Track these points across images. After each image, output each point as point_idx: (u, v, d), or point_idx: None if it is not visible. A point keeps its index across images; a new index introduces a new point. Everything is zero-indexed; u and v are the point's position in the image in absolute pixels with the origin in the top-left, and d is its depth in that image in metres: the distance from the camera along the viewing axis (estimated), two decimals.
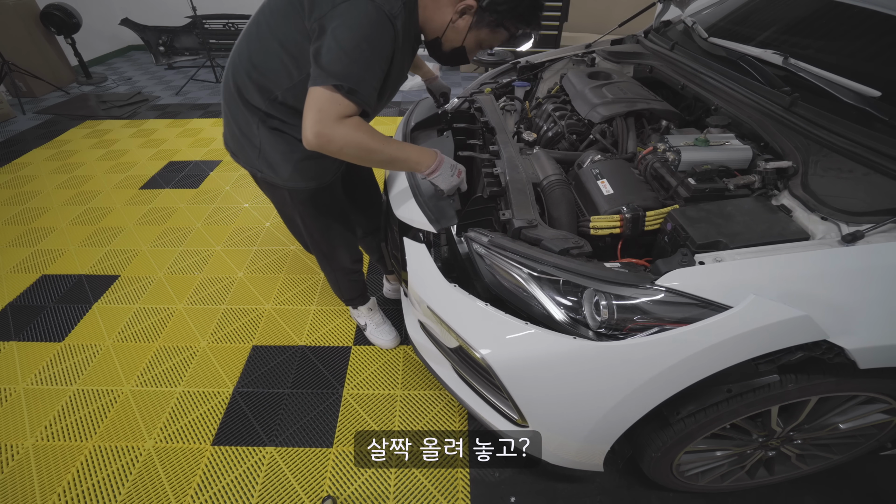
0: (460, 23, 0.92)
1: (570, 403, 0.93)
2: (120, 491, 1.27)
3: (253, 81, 0.95)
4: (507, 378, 0.91)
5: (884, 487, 1.27)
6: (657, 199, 1.06)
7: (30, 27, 4.16)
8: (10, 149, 3.29)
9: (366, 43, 0.82)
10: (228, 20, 4.66)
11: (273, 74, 0.94)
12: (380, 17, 0.82)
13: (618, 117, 1.33)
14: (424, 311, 1.08)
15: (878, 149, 0.92)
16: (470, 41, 0.96)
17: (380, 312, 1.70)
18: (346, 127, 0.84)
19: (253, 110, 0.99)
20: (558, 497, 1.25)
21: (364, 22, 0.81)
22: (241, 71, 0.96)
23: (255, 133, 1.01)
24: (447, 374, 1.19)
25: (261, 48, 0.93)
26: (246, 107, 0.99)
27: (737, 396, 0.87)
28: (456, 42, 0.97)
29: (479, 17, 0.91)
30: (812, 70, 1.08)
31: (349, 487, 1.28)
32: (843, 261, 0.76)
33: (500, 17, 0.91)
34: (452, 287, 1.00)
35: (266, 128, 1.00)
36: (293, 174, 1.04)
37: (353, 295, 1.58)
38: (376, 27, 0.82)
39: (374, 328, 1.68)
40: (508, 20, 0.92)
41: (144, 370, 1.61)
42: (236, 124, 1.02)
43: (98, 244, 2.27)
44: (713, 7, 1.69)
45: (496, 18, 0.91)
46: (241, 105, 0.99)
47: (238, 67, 0.97)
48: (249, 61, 0.95)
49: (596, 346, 0.82)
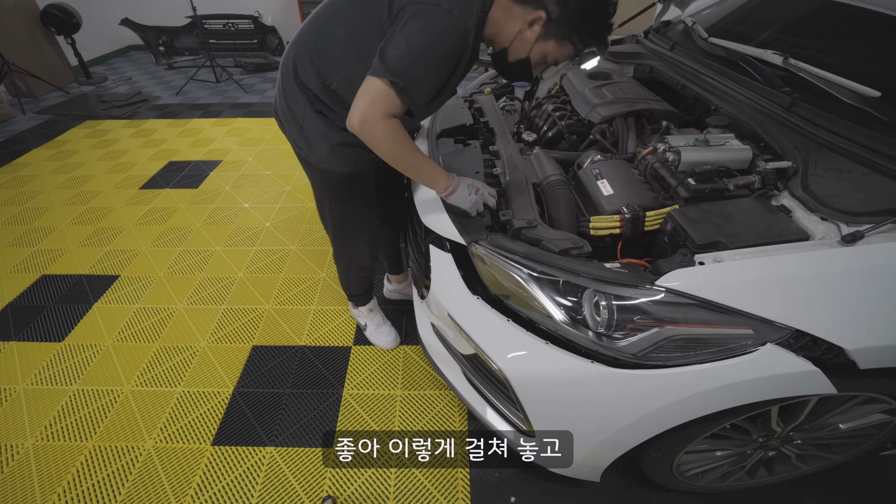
0: (528, 34, 0.92)
1: (577, 423, 0.95)
2: (120, 491, 1.27)
3: (313, 63, 0.98)
4: (522, 391, 0.93)
5: (884, 487, 1.27)
6: (657, 199, 1.06)
7: (30, 27, 4.16)
8: (10, 149, 3.29)
9: (432, 49, 0.84)
10: (228, 20, 4.66)
11: (334, 61, 0.96)
12: (455, 28, 0.84)
13: (618, 117, 1.33)
14: (443, 318, 1.09)
15: (877, 149, 0.92)
16: (536, 53, 0.95)
17: (380, 313, 1.69)
18: (389, 125, 0.88)
19: (304, 90, 1.02)
20: (558, 497, 1.25)
21: (437, 28, 0.83)
22: (304, 51, 0.99)
23: (300, 111, 1.04)
24: (456, 377, 1.20)
25: (329, 34, 0.96)
26: (298, 85, 1.02)
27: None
28: (522, 53, 0.96)
29: (548, 28, 0.91)
30: (812, 70, 1.08)
31: (349, 487, 1.28)
32: (843, 261, 0.76)
33: (569, 30, 0.91)
34: (476, 299, 1.01)
35: (312, 109, 1.03)
36: (329, 157, 1.08)
37: (360, 291, 1.57)
38: (449, 37, 0.85)
39: (374, 329, 1.67)
40: (577, 34, 0.92)
41: (144, 370, 1.61)
42: (285, 98, 1.06)
43: (98, 244, 2.27)
44: (713, 7, 1.69)
45: (565, 31, 0.91)
46: (293, 83, 1.02)
47: (301, 47, 1.00)
48: (315, 44, 0.97)
49: (611, 373, 0.84)
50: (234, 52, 4.87)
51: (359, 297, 1.60)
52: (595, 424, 0.93)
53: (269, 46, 4.83)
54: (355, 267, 1.46)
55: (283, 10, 5.50)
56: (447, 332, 1.16)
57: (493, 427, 1.09)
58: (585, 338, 0.86)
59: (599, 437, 0.93)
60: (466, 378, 1.17)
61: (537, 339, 0.90)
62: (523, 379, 0.92)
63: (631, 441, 0.93)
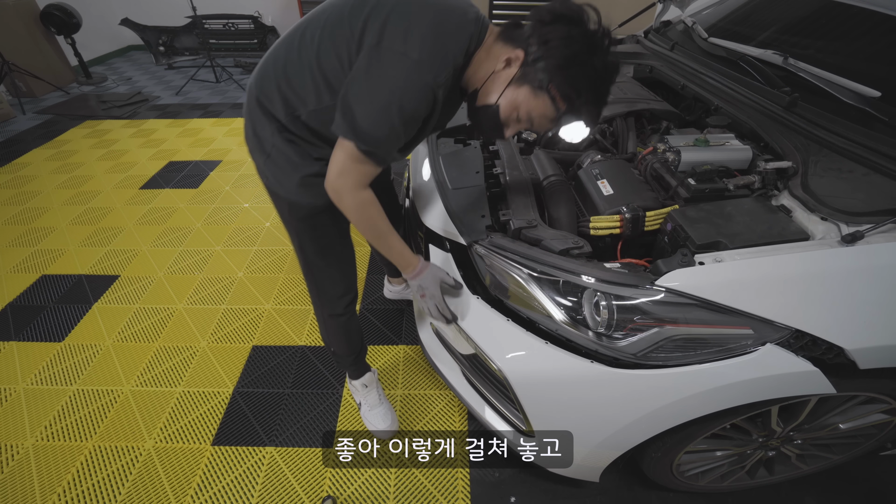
0: (502, 74, 0.81)
1: (577, 423, 0.95)
2: (120, 491, 1.27)
3: (280, 92, 0.89)
4: (521, 391, 0.93)
5: (884, 487, 1.27)
6: (657, 199, 1.06)
7: (30, 27, 4.15)
8: (10, 149, 3.29)
9: (396, 107, 0.76)
10: (228, 20, 4.66)
11: (303, 92, 0.87)
12: (422, 83, 0.76)
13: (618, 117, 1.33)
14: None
15: (878, 149, 0.92)
16: (506, 100, 0.82)
17: (376, 391, 1.43)
18: (358, 198, 0.86)
19: (271, 118, 0.93)
20: (558, 497, 1.25)
21: (401, 83, 0.76)
22: (271, 77, 0.89)
23: (268, 139, 0.94)
24: (455, 377, 1.20)
25: (299, 61, 0.86)
26: (265, 114, 0.93)
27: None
28: (491, 97, 0.83)
29: (524, 72, 0.79)
30: (812, 70, 1.08)
31: (349, 487, 1.28)
32: (843, 261, 0.76)
33: (547, 78, 0.76)
34: (475, 299, 1.02)
35: (282, 137, 0.93)
36: (298, 189, 0.96)
37: (344, 350, 1.31)
38: (413, 93, 0.76)
39: (367, 410, 1.41)
40: (555, 84, 0.77)
41: (144, 370, 1.61)
42: (252, 125, 0.97)
43: (98, 244, 2.27)
44: (713, 7, 1.69)
45: (542, 79, 0.77)
46: (259, 111, 0.94)
47: (268, 73, 0.90)
48: (284, 70, 0.88)
49: (610, 373, 0.84)
50: (234, 52, 4.88)
51: (345, 360, 1.35)
52: (595, 424, 0.93)
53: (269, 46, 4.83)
54: (329, 313, 1.23)
55: (283, 10, 5.50)
56: (447, 333, 1.16)
57: (492, 427, 1.09)
58: (585, 338, 0.86)
59: (599, 437, 0.93)
60: (466, 378, 1.17)
61: (537, 338, 0.90)
62: (523, 379, 0.92)
63: (631, 441, 0.93)
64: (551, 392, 0.93)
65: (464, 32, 0.81)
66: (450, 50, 0.79)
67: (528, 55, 0.78)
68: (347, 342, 1.31)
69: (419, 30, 0.76)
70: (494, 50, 0.83)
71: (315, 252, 1.10)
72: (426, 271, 1.01)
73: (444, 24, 0.79)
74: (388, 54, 0.76)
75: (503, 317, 0.97)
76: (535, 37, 0.77)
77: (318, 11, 0.88)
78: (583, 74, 0.76)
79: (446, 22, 0.79)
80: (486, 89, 0.85)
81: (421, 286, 1.01)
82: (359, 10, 0.80)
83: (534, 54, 0.77)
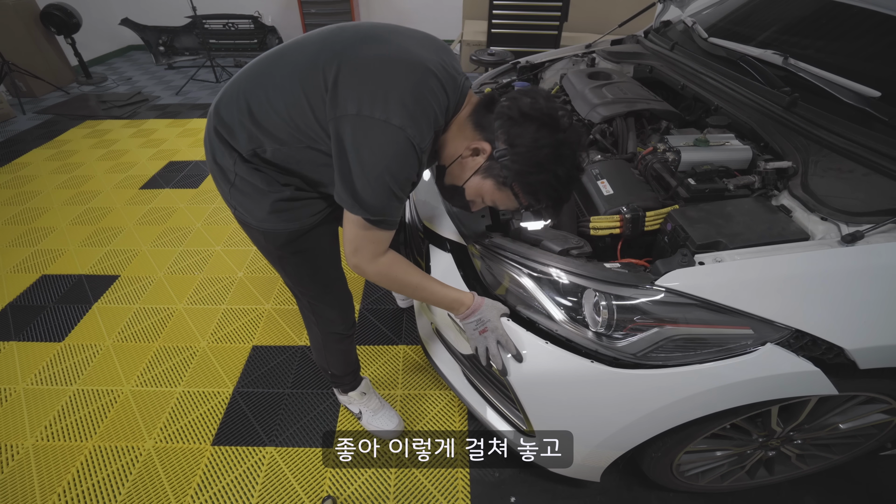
0: (468, 162, 0.82)
1: (577, 423, 0.95)
2: (120, 491, 1.27)
3: (244, 127, 0.82)
4: (522, 391, 0.93)
5: (884, 487, 1.27)
6: (657, 199, 1.06)
7: (30, 27, 4.15)
8: (10, 149, 3.29)
9: (389, 174, 0.74)
10: (228, 20, 4.66)
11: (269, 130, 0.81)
12: (408, 148, 0.74)
13: (618, 117, 1.33)
14: (443, 318, 1.09)
15: (877, 149, 0.92)
16: (471, 187, 0.84)
17: (375, 396, 1.41)
18: (380, 266, 0.85)
19: (232, 150, 0.86)
20: (558, 497, 1.25)
21: (390, 152, 0.73)
22: (234, 111, 0.83)
23: (230, 168, 0.87)
24: (456, 377, 1.20)
25: (267, 102, 0.80)
26: (224, 145, 0.86)
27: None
28: (458, 180, 0.85)
29: (490, 165, 0.79)
30: (812, 70, 1.08)
31: (349, 487, 1.28)
32: (843, 261, 0.76)
33: (512, 177, 0.78)
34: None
35: (245, 166, 0.86)
36: (269, 216, 0.89)
37: (344, 371, 1.30)
38: (403, 158, 0.74)
39: (370, 415, 1.38)
40: (519, 185, 0.79)
41: (144, 370, 1.61)
42: (213, 153, 0.90)
43: (98, 244, 2.27)
44: (713, 7, 1.69)
45: (506, 176, 0.78)
46: (219, 143, 0.87)
47: (231, 106, 0.84)
48: (248, 107, 0.81)
49: (610, 373, 0.84)
50: (234, 52, 4.87)
51: (344, 379, 1.32)
52: (595, 424, 0.93)
53: (268, 46, 4.83)
54: (330, 338, 1.18)
55: (283, 10, 5.51)
56: (447, 333, 1.16)
57: (493, 427, 1.09)
58: (585, 338, 0.86)
59: (599, 437, 0.93)
60: (466, 378, 1.17)
61: (538, 338, 0.90)
62: (523, 379, 0.92)
63: (631, 441, 0.93)
64: (552, 392, 0.93)
65: (443, 95, 0.78)
66: (430, 114, 0.76)
67: (494, 149, 0.77)
68: (346, 362, 1.29)
69: (397, 93, 0.73)
70: (465, 130, 0.82)
71: (304, 279, 1.04)
72: (485, 304, 0.94)
73: (422, 86, 0.75)
74: (370, 123, 0.72)
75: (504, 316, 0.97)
76: (503, 133, 0.76)
77: (288, 50, 0.83)
78: (545, 182, 0.77)
79: (424, 83, 0.75)
80: (452, 171, 0.85)
81: (481, 320, 0.93)
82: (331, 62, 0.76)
83: (500, 152, 0.77)
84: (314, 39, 0.82)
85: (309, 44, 0.82)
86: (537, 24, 4.21)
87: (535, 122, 0.75)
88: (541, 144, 0.75)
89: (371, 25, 0.82)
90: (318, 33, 0.83)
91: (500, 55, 4.03)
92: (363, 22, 0.85)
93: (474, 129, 0.81)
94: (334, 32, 0.82)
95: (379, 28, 0.82)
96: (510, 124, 0.76)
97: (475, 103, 0.83)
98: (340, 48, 0.77)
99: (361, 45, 0.77)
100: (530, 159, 0.76)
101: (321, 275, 1.05)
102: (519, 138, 0.75)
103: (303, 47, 0.82)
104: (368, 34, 0.80)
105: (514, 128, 0.76)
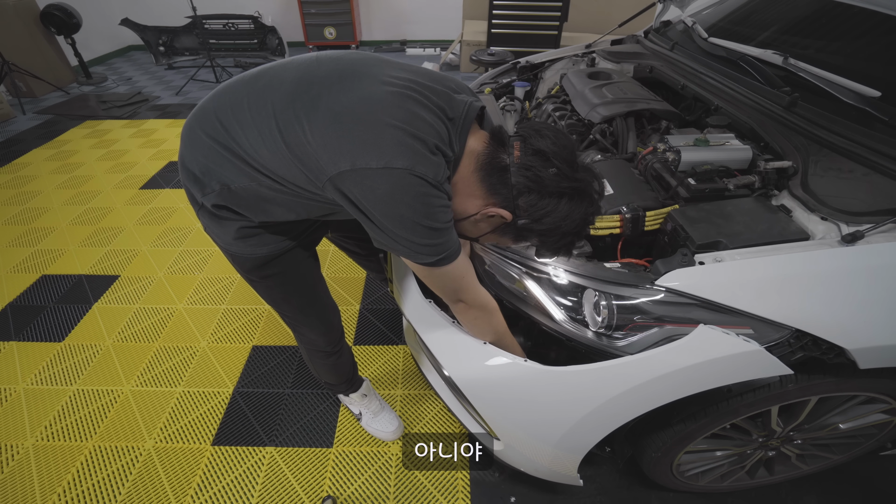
0: (483, 224, 0.78)
1: (529, 424, 0.94)
2: (120, 491, 1.27)
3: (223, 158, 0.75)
4: (472, 394, 0.94)
5: (884, 487, 1.27)
6: (657, 199, 1.06)
7: (30, 27, 4.15)
8: (10, 149, 3.29)
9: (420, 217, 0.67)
10: (228, 20, 4.66)
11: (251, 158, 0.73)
12: (423, 187, 0.66)
13: (618, 117, 1.33)
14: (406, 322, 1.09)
15: (878, 149, 0.92)
16: (487, 240, 0.84)
17: (376, 398, 1.40)
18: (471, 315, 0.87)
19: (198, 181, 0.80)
20: (558, 497, 1.25)
21: (407, 198, 0.65)
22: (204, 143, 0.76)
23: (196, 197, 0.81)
24: (435, 378, 1.20)
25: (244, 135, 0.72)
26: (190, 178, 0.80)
27: (736, 396, 0.87)
28: (470, 234, 0.82)
29: (508, 227, 0.76)
30: (812, 70, 1.08)
31: (349, 487, 1.28)
32: (843, 261, 0.76)
33: (532, 237, 0.76)
34: (428, 303, 1.02)
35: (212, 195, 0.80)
36: (235, 241, 0.85)
37: (335, 381, 1.28)
38: (424, 198, 0.66)
39: (370, 417, 1.38)
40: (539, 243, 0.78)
41: (144, 370, 1.61)
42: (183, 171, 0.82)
43: (98, 244, 2.27)
44: (713, 7, 1.69)
45: (527, 236, 0.77)
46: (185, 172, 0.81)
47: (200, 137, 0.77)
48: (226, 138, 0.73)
49: (544, 371, 0.85)
50: (234, 52, 4.87)
51: (338, 387, 1.32)
52: (546, 422, 0.92)
53: (269, 46, 4.83)
54: (316, 355, 1.17)
55: (283, 10, 5.51)
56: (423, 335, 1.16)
57: (469, 429, 1.10)
58: (585, 337, 0.86)
59: (555, 435, 0.91)
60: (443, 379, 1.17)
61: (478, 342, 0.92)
62: (470, 381, 0.93)
63: (588, 438, 0.91)
64: (499, 392, 0.92)
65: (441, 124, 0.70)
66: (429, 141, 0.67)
67: (517, 218, 0.73)
68: (337, 374, 1.26)
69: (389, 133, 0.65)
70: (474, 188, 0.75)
71: (277, 302, 1.02)
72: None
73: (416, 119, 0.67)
74: (371, 174, 0.64)
75: (449, 319, 0.98)
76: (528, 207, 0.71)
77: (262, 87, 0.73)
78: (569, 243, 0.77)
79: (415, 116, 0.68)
80: (463, 226, 0.80)
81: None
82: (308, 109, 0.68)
83: (525, 223, 0.73)
84: (289, 78, 0.72)
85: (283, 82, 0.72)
86: (537, 24, 4.22)
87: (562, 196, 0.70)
88: (569, 219, 0.72)
89: (350, 60, 0.75)
90: (294, 69, 0.74)
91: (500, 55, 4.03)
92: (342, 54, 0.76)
93: (486, 191, 0.74)
94: (311, 69, 0.73)
95: (358, 63, 0.74)
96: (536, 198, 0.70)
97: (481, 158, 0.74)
98: (317, 92, 0.69)
99: (339, 84, 0.69)
100: (556, 230, 0.73)
101: (295, 299, 1.02)
102: (546, 216, 0.71)
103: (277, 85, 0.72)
104: (346, 71, 0.71)
105: (541, 201, 0.70)
